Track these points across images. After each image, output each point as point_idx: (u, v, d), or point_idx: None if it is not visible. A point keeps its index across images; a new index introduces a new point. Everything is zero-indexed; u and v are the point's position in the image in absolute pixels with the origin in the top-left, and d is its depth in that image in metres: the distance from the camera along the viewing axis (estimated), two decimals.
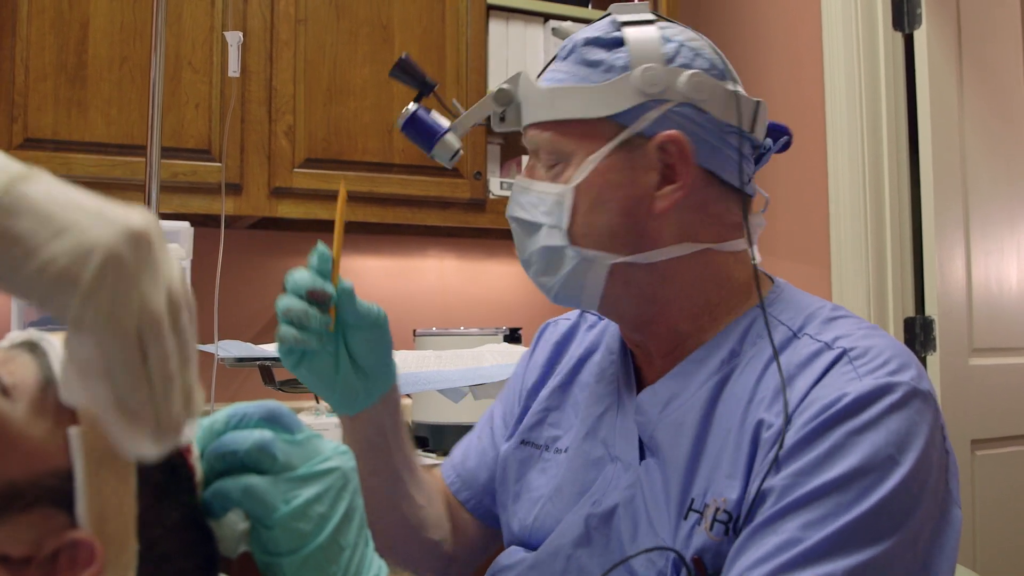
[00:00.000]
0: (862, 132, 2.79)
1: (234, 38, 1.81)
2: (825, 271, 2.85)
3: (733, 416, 0.95)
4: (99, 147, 2.30)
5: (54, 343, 0.64)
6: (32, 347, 0.64)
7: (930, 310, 2.73)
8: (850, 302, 2.75)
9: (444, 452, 2.40)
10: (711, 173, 1.02)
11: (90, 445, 0.59)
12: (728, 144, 1.02)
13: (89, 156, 2.29)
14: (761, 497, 0.88)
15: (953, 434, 0.99)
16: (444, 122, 1.18)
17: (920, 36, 2.77)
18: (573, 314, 1.27)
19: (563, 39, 1.10)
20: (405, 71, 1.22)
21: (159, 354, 0.52)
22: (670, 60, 1.00)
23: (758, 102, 1.03)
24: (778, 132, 1.08)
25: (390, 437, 1.09)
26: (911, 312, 2.78)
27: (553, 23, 1.21)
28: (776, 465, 0.88)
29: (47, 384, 0.61)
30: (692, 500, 0.94)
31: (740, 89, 1.03)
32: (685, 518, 0.94)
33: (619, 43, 1.01)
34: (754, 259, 1.05)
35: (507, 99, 1.07)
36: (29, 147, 2.24)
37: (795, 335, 0.97)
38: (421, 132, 1.18)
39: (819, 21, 2.92)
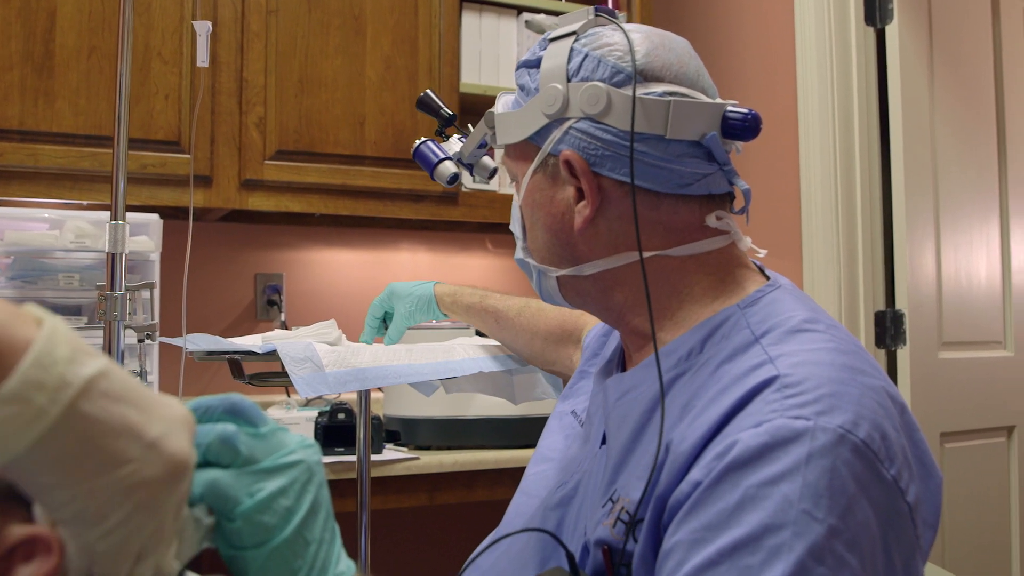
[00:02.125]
0: (834, 126, 2.80)
1: (203, 28, 1.79)
2: (796, 265, 2.87)
3: (669, 418, 0.92)
4: (67, 138, 2.27)
5: None
6: None
7: (900, 304, 2.75)
8: (821, 296, 2.77)
9: (416, 446, 2.40)
10: (631, 183, 0.98)
11: None
12: (644, 152, 0.97)
13: (56, 147, 2.26)
14: (670, 550, 0.82)
15: (922, 427, 0.94)
16: (446, 150, 1.43)
17: (892, 31, 2.78)
18: None
19: (537, 32, 1.10)
20: (425, 105, 1.49)
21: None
22: (573, 75, 1.00)
23: (668, 102, 0.97)
24: (738, 123, 0.99)
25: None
26: (881, 306, 2.80)
27: (526, 15, 1.21)
28: (686, 512, 0.82)
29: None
30: (614, 491, 0.94)
31: (662, 89, 0.98)
32: (603, 506, 0.94)
33: (539, 64, 1.04)
34: (758, 252, 1.06)
35: (492, 122, 1.10)
36: None
37: (756, 340, 0.92)
38: (422, 162, 1.44)
39: (792, 16, 2.94)
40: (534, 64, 1.04)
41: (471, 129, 1.27)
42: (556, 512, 1.05)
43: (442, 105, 1.49)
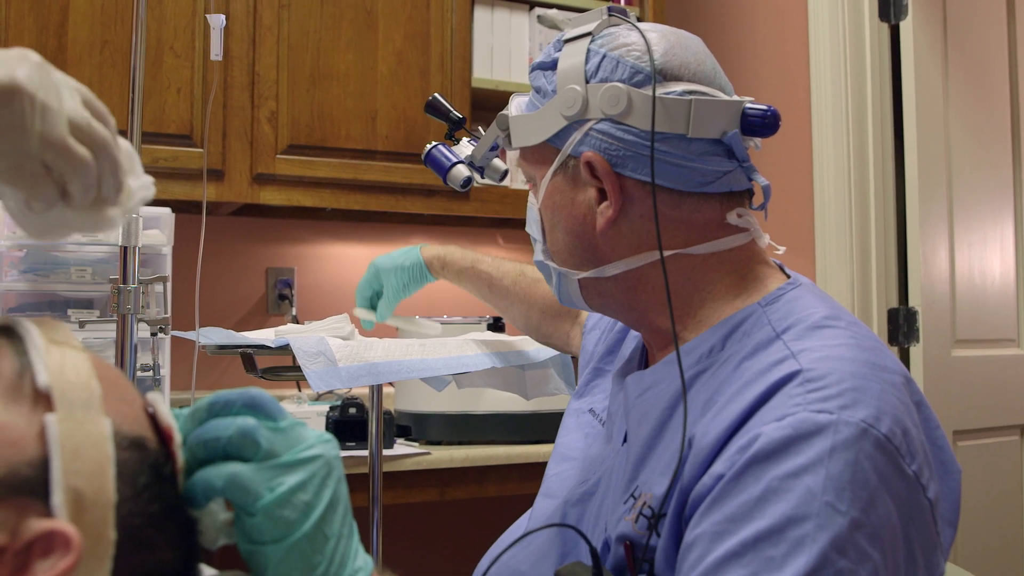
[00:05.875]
0: (847, 123, 2.79)
1: (217, 21, 1.80)
2: (809, 262, 2.86)
3: (691, 414, 0.92)
4: None
5: (31, 329, 0.63)
6: (8, 332, 0.63)
7: (913, 301, 2.74)
8: (834, 293, 2.75)
9: (427, 441, 2.40)
10: (651, 183, 0.98)
11: (67, 433, 0.58)
12: (665, 151, 0.97)
13: None
14: (692, 542, 0.82)
15: None
16: (458, 154, 1.40)
17: (906, 27, 2.77)
18: None
19: (549, 27, 1.11)
20: (434, 109, 1.46)
21: (75, 167, 0.63)
22: (591, 76, 1.00)
23: (690, 101, 0.97)
24: (758, 120, 1.00)
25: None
26: (895, 303, 2.79)
27: (539, 10, 1.21)
28: (709, 505, 0.82)
29: (23, 370, 0.60)
30: (636, 487, 0.94)
31: (681, 88, 0.98)
32: (625, 502, 0.94)
33: (555, 65, 1.03)
34: (777, 249, 1.06)
35: (505, 124, 1.09)
36: None
37: (777, 337, 0.92)
38: (434, 166, 1.41)
39: (805, 12, 2.92)
40: (549, 66, 1.04)
41: (481, 131, 1.26)
42: (576, 508, 1.05)
43: (451, 108, 1.47)
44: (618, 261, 1.01)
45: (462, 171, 1.39)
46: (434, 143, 1.43)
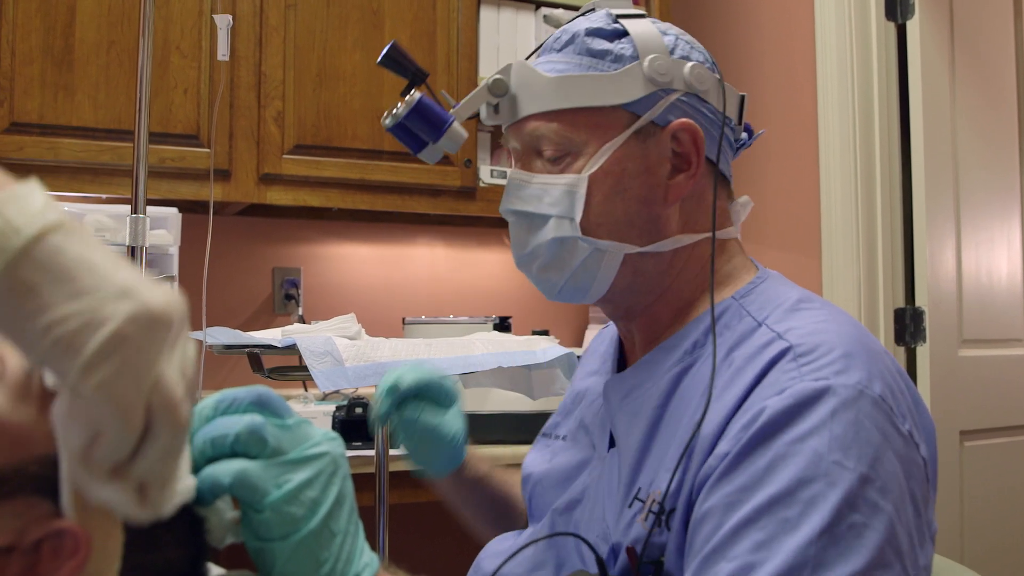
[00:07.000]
0: (854, 122, 2.78)
1: (223, 21, 1.80)
2: (816, 262, 2.85)
3: (686, 407, 0.93)
4: (86, 132, 2.28)
5: None
6: None
7: (920, 301, 2.73)
8: (840, 293, 2.75)
9: None
10: (710, 162, 1.02)
11: None
12: (727, 136, 1.04)
13: (76, 141, 2.27)
14: (703, 517, 0.83)
15: (942, 425, 0.95)
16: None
17: (913, 26, 2.76)
18: None
19: (555, 27, 1.09)
20: (395, 59, 1.11)
21: (170, 426, 0.52)
22: (671, 52, 1.01)
23: (743, 95, 1.04)
24: (748, 128, 1.10)
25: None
26: (901, 303, 2.78)
27: (545, 10, 1.20)
28: (716, 480, 0.84)
29: (32, 369, 0.60)
30: (638, 489, 0.94)
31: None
32: (629, 507, 0.93)
33: (621, 34, 1.01)
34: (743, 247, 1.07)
35: (503, 90, 1.03)
36: (15, 131, 2.22)
37: (759, 324, 0.94)
38: (428, 120, 1.08)
39: (812, 11, 2.92)
40: (611, 35, 1.01)
41: (445, 95, 1.13)
42: (564, 517, 1.05)
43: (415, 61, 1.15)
44: (669, 239, 1.01)
45: (461, 130, 1.10)
46: (419, 93, 1.10)
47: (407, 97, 1.08)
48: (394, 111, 1.09)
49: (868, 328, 2.69)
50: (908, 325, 2.74)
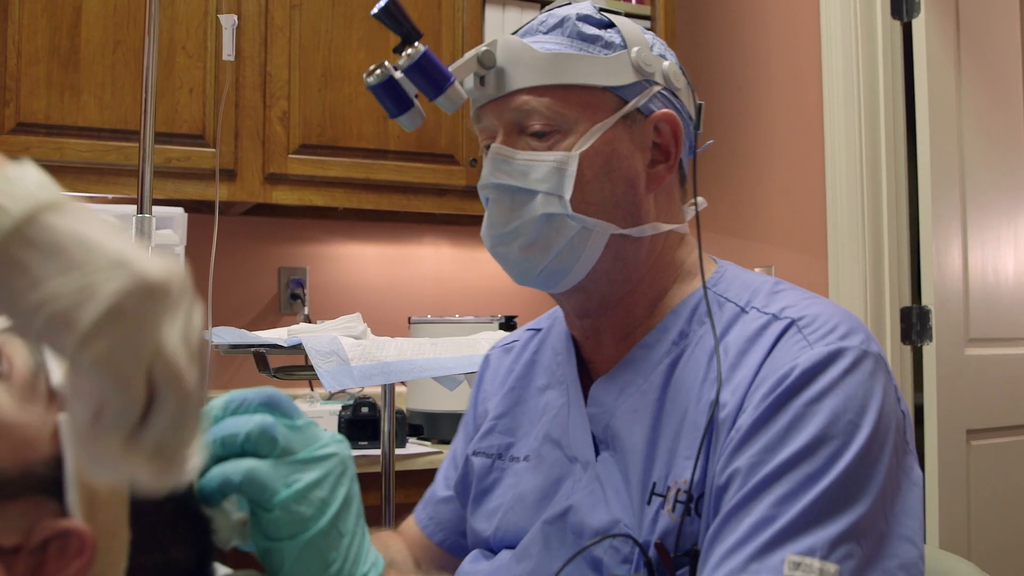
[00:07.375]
0: (860, 121, 2.78)
1: (229, 21, 1.81)
2: (822, 260, 2.85)
3: (688, 396, 0.95)
4: (92, 132, 2.28)
5: None
6: None
7: (927, 300, 2.72)
8: (847, 292, 2.74)
9: (439, 440, 2.40)
10: (687, 158, 1.09)
11: None
12: (691, 134, 1.08)
13: (82, 141, 2.27)
14: (727, 480, 0.87)
15: (949, 424, 0.98)
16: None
17: (919, 25, 2.75)
18: (515, 333, 1.24)
19: None
20: (391, 14, 1.03)
21: (176, 394, 0.51)
22: (651, 48, 1.05)
23: (701, 104, 1.10)
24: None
25: None
26: (907, 302, 2.77)
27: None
28: (738, 445, 0.88)
29: (38, 369, 0.60)
30: (654, 484, 0.94)
31: None
32: (649, 503, 0.93)
33: (608, 24, 1.05)
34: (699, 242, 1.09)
35: (491, 61, 1.02)
36: (21, 131, 2.22)
37: (743, 310, 0.98)
38: (430, 76, 1.01)
39: (817, 9, 2.91)
40: (600, 23, 1.04)
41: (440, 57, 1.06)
42: (555, 527, 1.00)
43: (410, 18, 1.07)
44: (651, 224, 1.03)
45: (461, 91, 1.03)
46: (423, 47, 1.02)
47: (410, 49, 1.01)
48: (379, 68, 1.02)
49: (874, 327, 2.69)
50: (915, 324, 2.74)
